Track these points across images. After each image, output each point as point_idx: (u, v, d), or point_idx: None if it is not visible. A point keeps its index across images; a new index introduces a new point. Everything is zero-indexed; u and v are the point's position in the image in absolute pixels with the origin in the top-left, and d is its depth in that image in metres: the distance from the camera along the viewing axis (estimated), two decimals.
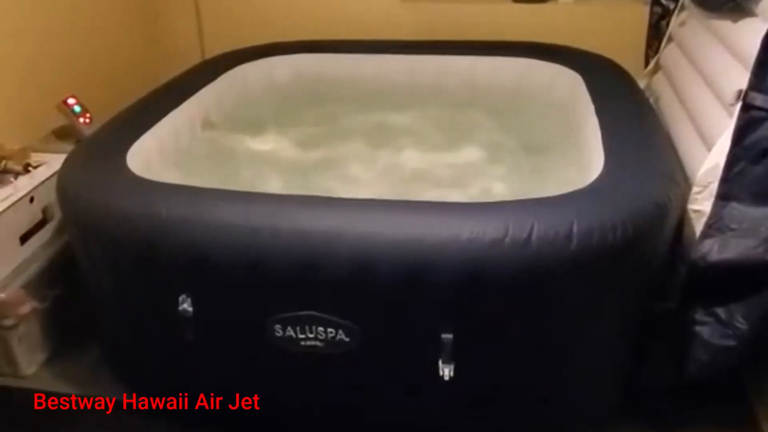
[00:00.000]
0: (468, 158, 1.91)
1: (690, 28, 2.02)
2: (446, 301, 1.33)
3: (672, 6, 2.21)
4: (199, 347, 1.50)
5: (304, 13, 2.75)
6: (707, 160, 1.46)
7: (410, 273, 1.30)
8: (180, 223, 1.40)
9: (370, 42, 2.55)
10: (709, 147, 1.56)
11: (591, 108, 1.88)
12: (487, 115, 2.21)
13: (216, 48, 2.62)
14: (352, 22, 2.71)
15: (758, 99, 1.33)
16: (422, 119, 2.22)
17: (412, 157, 1.93)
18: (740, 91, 1.37)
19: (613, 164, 1.53)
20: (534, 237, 1.26)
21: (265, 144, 2.07)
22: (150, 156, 1.79)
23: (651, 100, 2.09)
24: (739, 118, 1.37)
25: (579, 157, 1.77)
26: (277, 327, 1.41)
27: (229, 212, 1.39)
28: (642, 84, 2.27)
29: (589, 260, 1.29)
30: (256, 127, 2.21)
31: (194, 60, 2.56)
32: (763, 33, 1.34)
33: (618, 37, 2.51)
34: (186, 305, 1.44)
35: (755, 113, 1.34)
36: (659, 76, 2.25)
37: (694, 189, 1.49)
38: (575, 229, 1.27)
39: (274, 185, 1.83)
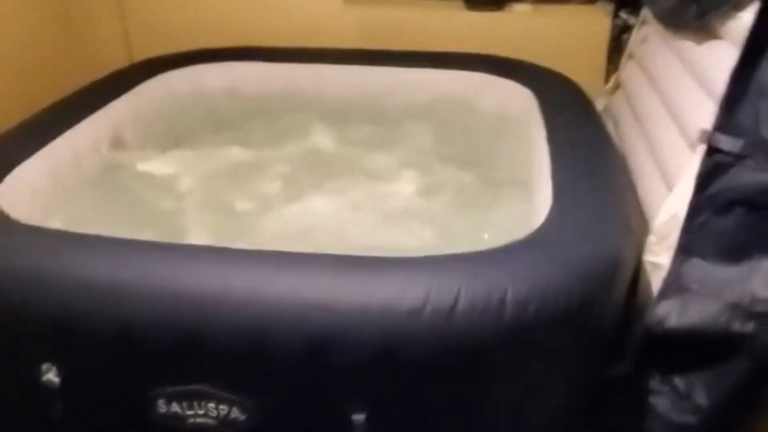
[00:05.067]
0: (400, 191, 1.69)
1: (652, 46, 1.82)
2: (356, 379, 1.12)
3: (632, 20, 2.02)
4: (68, 425, 1.26)
5: (238, 16, 2.50)
6: (665, 207, 1.26)
7: (311, 345, 1.09)
8: (41, 278, 1.18)
9: (309, 50, 2.31)
10: (670, 185, 1.37)
11: (543, 134, 1.68)
12: (431, 137, 2.00)
13: (146, 55, 2.36)
14: (290, 27, 2.47)
15: (723, 141, 1.13)
16: (358, 138, 2.01)
17: (338, 187, 1.70)
18: (704, 132, 1.16)
19: (561, 207, 1.33)
20: (460, 306, 1.05)
21: (180, 170, 1.83)
22: (33, 186, 1.53)
23: (610, 124, 1.90)
24: (703, 163, 1.16)
25: (524, 194, 1.56)
26: (161, 402, 1.19)
27: (96, 266, 1.17)
28: (601, 103, 2.09)
29: (526, 333, 1.09)
30: (173, 147, 1.97)
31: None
32: (730, 63, 1.15)
33: (577, 47, 2.33)
34: (51, 375, 1.21)
35: (720, 158, 1.14)
36: (619, 95, 2.06)
37: (651, 238, 1.29)
38: (509, 295, 1.07)
39: (182, 222, 1.60)
